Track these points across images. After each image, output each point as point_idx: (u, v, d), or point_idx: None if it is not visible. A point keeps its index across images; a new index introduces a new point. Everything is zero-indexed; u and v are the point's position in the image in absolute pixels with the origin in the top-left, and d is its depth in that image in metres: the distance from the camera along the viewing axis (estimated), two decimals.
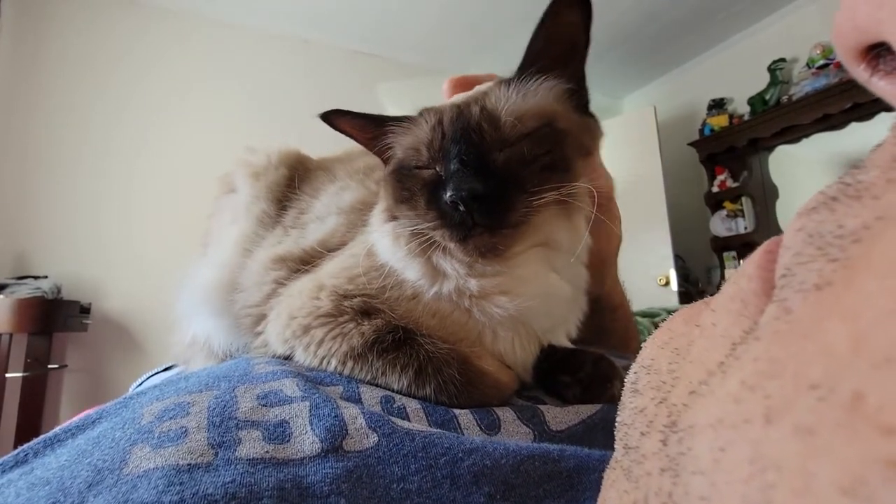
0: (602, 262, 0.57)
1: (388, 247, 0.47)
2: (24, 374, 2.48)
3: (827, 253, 0.14)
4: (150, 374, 1.03)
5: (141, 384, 1.01)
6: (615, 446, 0.22)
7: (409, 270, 0.46)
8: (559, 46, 0.47)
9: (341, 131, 0.54)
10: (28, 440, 0.32)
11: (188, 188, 3.15)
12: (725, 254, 3.93)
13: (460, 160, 0.43)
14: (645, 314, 1.15)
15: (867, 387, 0.11)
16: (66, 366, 2.86)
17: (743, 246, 3.81)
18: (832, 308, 0.13)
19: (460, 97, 0.51)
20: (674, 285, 3.82)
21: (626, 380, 0.23)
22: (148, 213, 3.16)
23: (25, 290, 2.56)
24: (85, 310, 2.83)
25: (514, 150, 0.44)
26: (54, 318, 2.57)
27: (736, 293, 0.19)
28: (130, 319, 3.06)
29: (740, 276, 0.19)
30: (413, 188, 0.47)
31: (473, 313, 0.46)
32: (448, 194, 0.42)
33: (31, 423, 2.52)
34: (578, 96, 0.49)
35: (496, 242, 0.43)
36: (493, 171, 0.43)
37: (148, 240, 3.11)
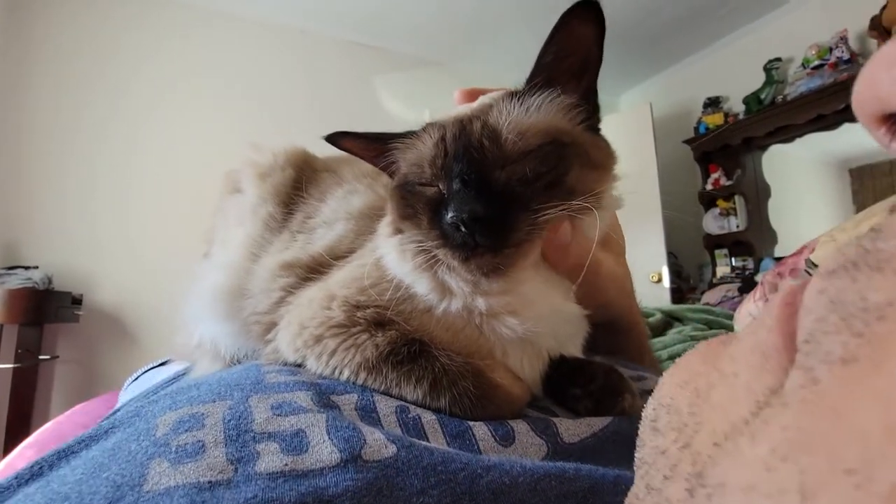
0: (592, 275, 0.52)
1: (396, 261, 0.47)
2: (15, 365, 2.46)
3: (851, 325, 0.14)
4: (146, 369, 1.01)
5: (136, 379, 1.00)
6: (636, 481, 0.22)
7: (418, 285, 0.46)
8: (570, 60, 0.47)
9: (345, 150, 0.54)
10: (19, 431, 0.32)
11: (182, 179, 3.12)
12: (717, 251, 3.98)
13: (462, 180, 0.43)
14: None
15: None
16: (57, 357, 2.84)
17: (735, 244, 3.87)
18: (861, 387, 0.13)
19: (465, 109, 0.50)
20: (666, 282, 3.86)
21: (644, 415, 0.23)
22: (141, 203, 3.12)
23: (16, 281, 2.53)
24: (76, 301, 2.80)
25: (517, 168, 0.43)
26: (45, 308, 2.55)
27: (756, 345, 0.18)
28: (123, 311, 3.04)
29: (759, 326, 0.19)
30: (416, 205, 0.47)
31: (484, 330, 0.46)
32: (449, 216, 0.42)
33: (21, 414, 2.50)
34: (588, 113, 0.48)
35: (498, 262, 0.43)
36: (494, 190, 0.43)
37: (141, 231, 3.08)
